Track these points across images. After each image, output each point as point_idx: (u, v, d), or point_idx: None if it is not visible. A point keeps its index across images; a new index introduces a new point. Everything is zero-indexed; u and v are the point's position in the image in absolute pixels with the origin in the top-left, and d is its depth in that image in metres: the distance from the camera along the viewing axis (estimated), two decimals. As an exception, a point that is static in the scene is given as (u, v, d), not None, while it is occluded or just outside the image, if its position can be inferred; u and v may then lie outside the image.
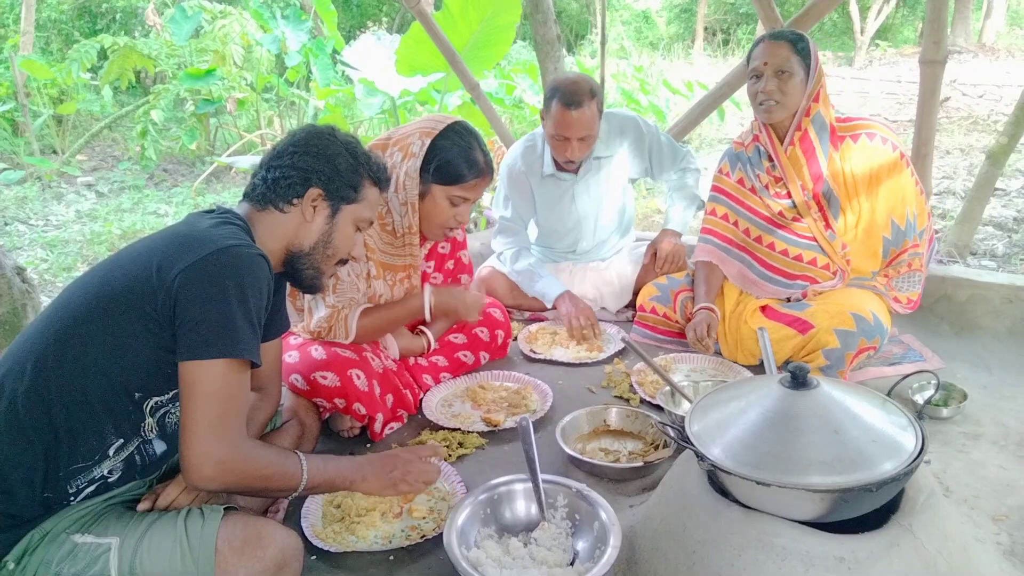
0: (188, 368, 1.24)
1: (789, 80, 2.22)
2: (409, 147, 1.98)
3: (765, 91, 2.23)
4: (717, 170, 2.60)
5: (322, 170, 1.48)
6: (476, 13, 4.99)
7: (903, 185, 2.31)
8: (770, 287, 2.45)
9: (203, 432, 1.23)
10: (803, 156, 2.32)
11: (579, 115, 2.55)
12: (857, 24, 13.25)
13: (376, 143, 2.07)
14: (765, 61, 2.23)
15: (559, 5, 15.86)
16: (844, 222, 2.34)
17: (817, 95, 2.26)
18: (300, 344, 2.02)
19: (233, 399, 1.27)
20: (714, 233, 2.57)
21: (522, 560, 1.42)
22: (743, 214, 2.50)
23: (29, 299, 2.80)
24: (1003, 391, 2.27)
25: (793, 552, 1.18)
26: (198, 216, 1.42)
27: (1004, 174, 5.07)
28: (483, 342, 2.48)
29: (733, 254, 2.52)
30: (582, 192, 2.88)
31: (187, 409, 1.24)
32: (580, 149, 2.66)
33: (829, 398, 1.28)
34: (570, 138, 2.61)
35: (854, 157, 2.30)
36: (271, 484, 1.33)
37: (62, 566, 1.20)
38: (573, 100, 2.54)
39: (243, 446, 1.28)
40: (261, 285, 1.33)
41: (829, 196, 2.33)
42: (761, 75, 2.25)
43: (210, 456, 1.23)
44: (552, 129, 2.64)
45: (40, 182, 6.65)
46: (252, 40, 7.66)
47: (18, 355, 1.28)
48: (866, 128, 2.32)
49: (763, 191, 2.44)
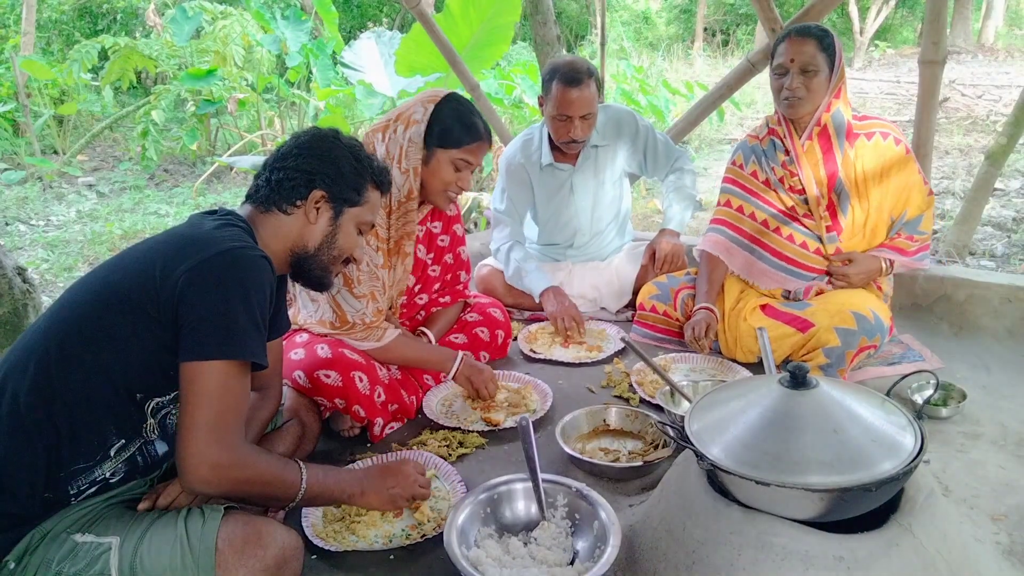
0: (188, 369, 1.24)
1: (814, 77, 2.22)
2: (411, 115, 2.04)
3: (790, 88, 2.24)
4: (731, 162, 2.58)
5: (326, 172, 1.49)
6: (476, 13, 5.00)
7: (910, 186, 2.34)
8: (779, 275, 2.45)
9: (201, 433, 1.23)
10: (820, 151, 2.33)
11: (579, 92, 2.59)
12: (856, 25, 13.27)
13: (377, 125, 2.11)
14: (792, 58, 2.22)
15: (559, 5, 15.87)
16: (852, 220, 2.35)
17: (839, 91, 2.27)
18: (306, 342, 2.03)
19: (232, 401, 1.27)
20: (727, 224, 2.54)
21: (522, 559, 1.43)
22: (759, 205, 2.49)
23: (30, 299, 2.80)
24: (1002, 391, 2.27)
25: (792, 551, 1.19)
26: (200, 217, 1.42)
27: (1003, 174, 5.08)
28: (483, 342, 2.49)
29: (743, 245, 2.51)
30: (580, 182, 2.90)
31: (185, 410, 1.24)
32: (582, 128, 2.68)
33: (828, 398, 1.28)
34: (572, 116, 2.63)
35: (867, 155, 2.31)
36: (268, 491, 1.34)
37: (62, 565, 1.20)
38: (573, 78, 2.58)
39: (241, 449, 1.28)
40: (264, 287, 1.33)
41: (840, 192, 2.34)
42: (787, 71, 2.24)
43: (207, 458, 1.23)
44: (553, 110, 2.66)
45: (41, 182, 6.65)
46: (253, 41, 7.67)
47: (20, 355, 1.28)
48: (880, 127, 2.34)
49: (777, 184, 2.44)
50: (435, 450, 1.94)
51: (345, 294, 2.04)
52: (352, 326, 2.05)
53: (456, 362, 2.18)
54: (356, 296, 2.04)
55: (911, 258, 2.41)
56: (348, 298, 2.04)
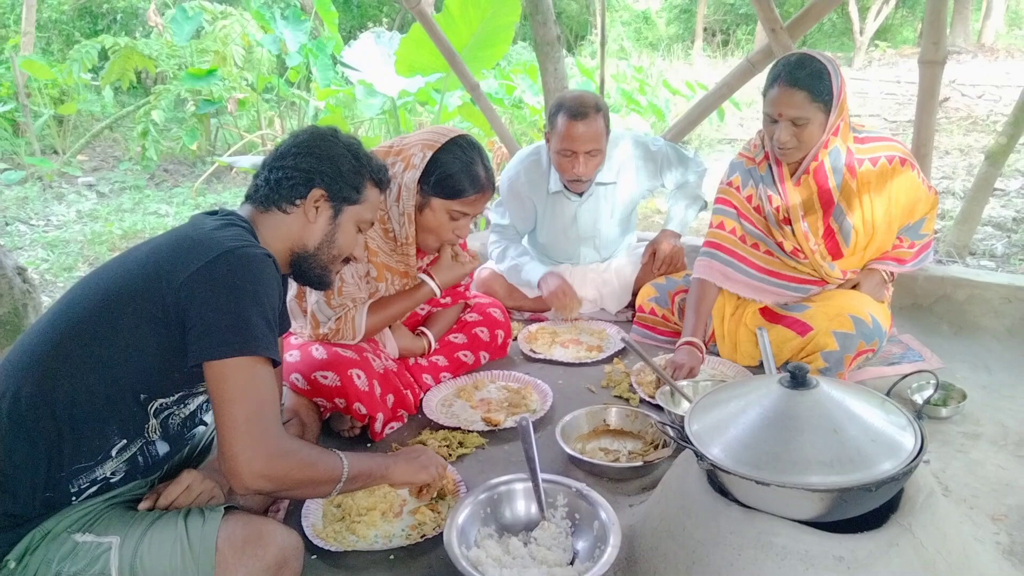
0: (212, 369, 1.23)
1: (806, 127, 2.10)
2: (411, 158, 1.96)
3: (780, 141, 2.13)
4: (726, 182, 2.46)
5: (325, 171, 1.49)
6: (476, 13, 4.99)
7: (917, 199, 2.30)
8: (778, 291, 2.39)
9: (243, 430, 1.21)
10: (815, 184, 2.23)
11: (586, 126, 2.50)
12: (856, 24, 13.25)
13: (378, 150, 2.05)
14: (780, 111, 2.10)
15: (559, 5, 15.87)
16: (855, 244, 2.29)
17: (838, 129, 2.15)
18: (301, 344, 2.03)
19: (267, 394, 1.26)
20: (721, 248, 2.43)
21: (522, 559, 1.43)
22: (751, 230, 2.39)
23: (30, 299, 2.80)
24: (1002, 391, 2.27)
25: (792, 551, 1.19)
26: (202, 218, 1.42)
27: (1003, 174, 5.07)
28: (483, 342, 2.49)
29: (740, 268, 2.41)
30: (585, 213, 2.84)
31: (221, 410, 1.23)
32: (587, 165, 2.58)
33: (828, 398, 1.28)
34: (577, 152, 2.55)
35: (873, 182, 2.22)
36: (317, 476, 1.33)
37: (63, 565, 1.20)
38: (579, 112, 2.50)
39: (285, 439, 1.28)
40: (271, 284, 1.33)
41: (841, 222, 2.26)
42: (776, 120, 2.13)
43: (259, 452, 1.22)
44: (558, 144, 2.57)
45: (41, 182, 6.65)
46: (253, 41, 7.67)
47: (22, 355, 1.28)
48: (886, 151, 2.23)
49: (771, 214, 2.33)
50: (435, 450, 1.93)
51: (321, 304, 2.01)
52: (324, 336, 2.02)
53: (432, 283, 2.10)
54: (332, 306, 2.01)
55: (910, 264, 2.39)
56: (323, 308, 2.01)
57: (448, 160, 1.94)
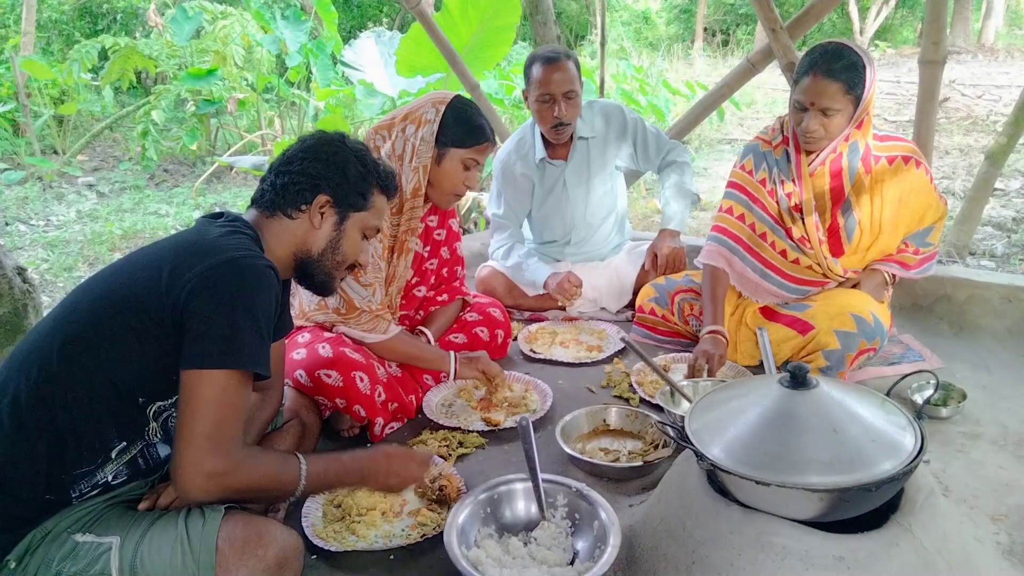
0: (189, 376, 1.24)
1: (835, 117, 2.10)
2: (423, 116, 2.10)
3: (807, 130, 2.13)
4: (739, 166, 2.45)
5: (331, 177, 1.48)
6: (476, 14, 5.00)
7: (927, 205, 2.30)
8: (773, 289, 2.40)
9: (197, 441, 1.22)
10: (829, 176, 2.24)
11: (560, 71, 2.63)
12: (856, 24, 13.27)
13: (380, 124, 2.17)
14: (812, 100, 2.08)
15: (559, 6, 15.86)
16: (857, 243, 2.29)
17: (861, 122, 2.16)
18: (308, 342, 2.05)
19: (231, 410, 1.25)
20: (726, 232, 2.43)
21: (522, 559, 1.43)
22: (760, 215, 2.39)
23: (30, 299, 2.80)
24: (1002, 391, 2.27)
25: (792, 551, 1.19)
26: (207, 223, 1.42)
27: (1003, 174, 5.08)
28: (483, 342, 2.49)
29: (740, 254, 2.42)
30: (573, 177, 2.93)
31: (183, 418, 1.23)
32: (567, 108, 2.69)
33: (828, 398, 1.28)
34: (554, 95, 2.66)
35: (887, 180, 2.22)
36: (266, 494, 1.37)
37: (63, 565, 1.20)
38: (552, 58, 2.66)
39: (237, 456, 1.26)
40: (270, 297, 1.33)
41: (847, 216, 2.26)
42: (806, 108, 2.12)
43: (202, 468, 1.21)
44: (536, 92, 2.70)
45: (41, 182, 6.65)
46: (253, 41, 7.67)
47: (23, 357, 1.28)
48: (903, 151, 2.24)
49: (783, 199, 2.33)
50: (435, 450, 1.93)
51: (351, 281, 2.07)
52: (359, 313, 2.08)
53: (452, 362, 2.21)
54: (363, 284, 2.08)
55: (913, 271, 2.38)
56: (354, 285, 2.08)
57: (457, 112, 2.11)
